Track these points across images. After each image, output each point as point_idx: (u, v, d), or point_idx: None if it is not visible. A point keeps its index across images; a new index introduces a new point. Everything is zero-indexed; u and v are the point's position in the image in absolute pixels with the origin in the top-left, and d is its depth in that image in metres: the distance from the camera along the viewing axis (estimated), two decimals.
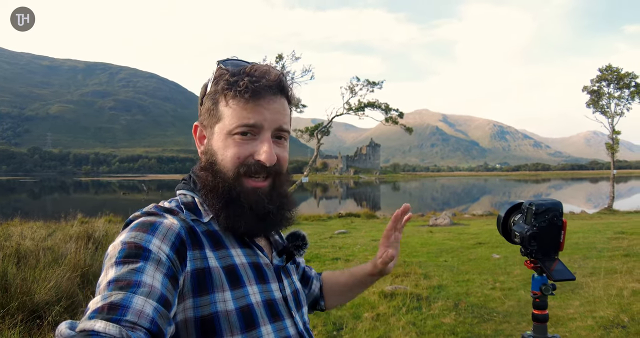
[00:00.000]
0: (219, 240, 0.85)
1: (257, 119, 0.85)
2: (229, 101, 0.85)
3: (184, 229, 0.80)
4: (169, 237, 0.77)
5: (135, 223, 0.79)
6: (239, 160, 0.85)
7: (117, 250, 0.73)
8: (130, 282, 0.67)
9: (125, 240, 0.75)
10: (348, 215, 18.84)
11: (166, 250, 0.75)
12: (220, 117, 0.87)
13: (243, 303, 0.81)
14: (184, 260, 0.77)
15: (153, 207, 0.85)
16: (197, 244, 0.81)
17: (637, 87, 24.90)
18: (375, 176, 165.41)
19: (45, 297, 4.01)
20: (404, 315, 4.32)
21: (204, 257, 0.81)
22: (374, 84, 26.51)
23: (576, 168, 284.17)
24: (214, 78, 0.88)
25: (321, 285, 1.21)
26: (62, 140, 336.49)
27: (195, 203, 0.89)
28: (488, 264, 6.71)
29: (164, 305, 0.68)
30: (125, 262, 0.70)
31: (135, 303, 0.64)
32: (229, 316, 0.78)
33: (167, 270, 0.73)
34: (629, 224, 11.70)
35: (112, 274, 0.69)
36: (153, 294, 0.67)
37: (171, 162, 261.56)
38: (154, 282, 0.69)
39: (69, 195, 57.58)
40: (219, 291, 0.79)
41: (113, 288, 0.66)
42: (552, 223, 1.04)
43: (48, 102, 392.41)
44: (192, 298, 0.77)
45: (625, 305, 4.36)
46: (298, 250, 0.99)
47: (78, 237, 6.43)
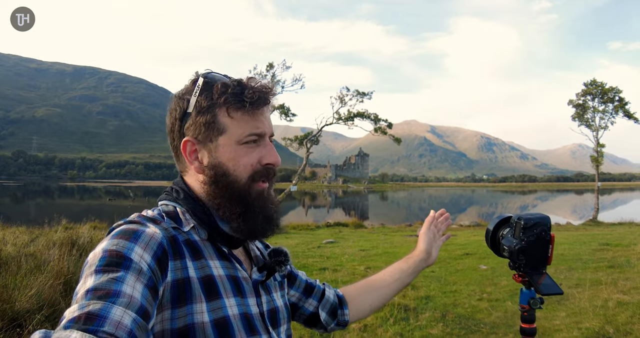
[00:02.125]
0: (198, 251, 0.85)
1: (262, 127, 0.89)
2: (232, 112, 0.86)
3: (166, 239, 0.79)
4: (151, 246, 0.76)
5: (118, 231, 0.78)
6: (252, 167, 0.89)
7: (97, 258, 0.72)
8: (109, 291, 0.65)
9: (107, 248, 0.73)
10: (336, 225, 18.78)
11: (148, 260, 0.74)
12: (223, 129, 0.87)
13: (219, 315, 0.80)
14: (165, 271, 0.76)
15: (137, 216, 0.85)
16: (179, 254, 0.80)
17: (621, 101, 25.47)
18: (363, 185, 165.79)
19: (27, 305, 3.93)
20: (392, 326, 4.31)
21: (185, 266, 0.80)
22: (363, 94, 26.73)
23: (562, 180, 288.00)
24: (201, 91, 0.87)
25: (338, 293, 1.20)
26: (48, 144, 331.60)
27: (177, 213, 0.88)
28: (475, 275, 6.74)
29: (143, 317, 0.66)
30: (105, 271, 0.69)
31: (114, 314, 0.63)
32: (204, 328, 0.77)
33: (148, 281, 0.71)
34: (613, 236, 11.86)
35: (91, 283, 0.67)
36: (132, 305, 0.66)
37: (158, 169, 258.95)
38: (134, 292, 0.68)
39: (53, 200, 56.63)
40: (196, 302, 0.78)
41: (91, 297, 0.65)
42: (541, 238, 1.05)
43: (34, 105, 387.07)
44: (170, 310, 0.76)
45: (610, 316, 4.41)
46: (280, 266, 0.97)
47: (62, 244, 6.30)
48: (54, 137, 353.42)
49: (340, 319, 1.17)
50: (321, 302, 1.15)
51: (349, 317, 1.18)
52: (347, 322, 1.18)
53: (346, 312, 1.17)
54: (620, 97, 25.51)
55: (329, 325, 1.16)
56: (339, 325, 1.18)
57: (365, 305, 1.21)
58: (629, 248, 8.73)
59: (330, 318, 1.16)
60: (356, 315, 1.19)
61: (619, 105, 25.45)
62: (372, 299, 1.21)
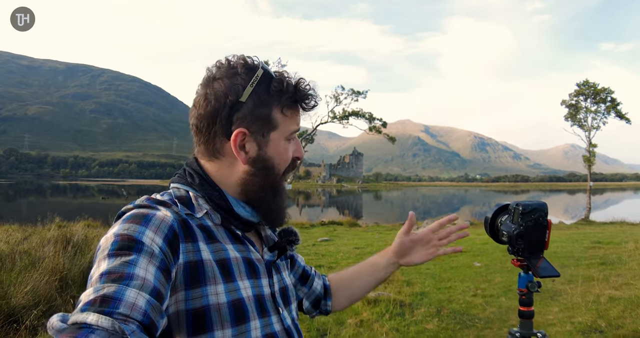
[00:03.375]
0: (212, 234, 0.85)
1: (299, 124, 0.96)
2: (285, 110, 0.90)
3: (176, 222, 0.80)
4: (162, 229, 0.77)
5: (128, 215, 0.79)
6: (289, 161, 0.95)
7: (109, 242, 0.73)
8: (123, 274, 0.67)
9: (118, 232, 0.74)
10: (331, 223, 18.80)
11: (159, 243, 0.75)
12: (276, 124, 0.89)
13: (235, 297, 0.81)
14: (176, 253, 0.77)
15: (145, 200, 0.84)
16: (190, 237, 0.81)
17: (613, 102, 25.74)
18: (357, 185, 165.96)
19: (22, 301, 3.92)
20: (388, 321, 4.35)
21: (197, 249, 0.81)
22: (358, 93, 26.81)
23: (554, 180, 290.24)
24: (259, 82, 0.86)
25: (325, 283, 1.22)
26: (40, 142, 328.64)
27: (189, 198, 0.88)
28: (469, 272, 6.79)
29: (157, 298, 0.68)
30: (118, 255, 0.70)
31: (128, 296, 0.64)
32: (220, 309, 0.79)
33: (160, 263, 0.72)
34: (604, 234, 12.00)
35: (105, 266, 0.69)
36: (146, 287, 0.67)
37: (152, 167, 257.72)
38: (147, 274, 0.69)
39: (45, 198, 56.22)
40: (211, 284, 0.79)
41: (105, 280, 0.66)
42: (538, 223, 1.08)
43: (27, 103, 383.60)
44: (184, 291, 0.77)
45: (602, 311, 4.48)
46: (291, 246, 0.99)
47: (56, 241, 6.26)
48: (46, 135, 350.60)
49: (322, 309, 1.21)
50: (308, 292, 1.18)
51: (331, 308, 1.21)
52: (329, 311, 1.22)
53: (329, 303, 1.21)
54: (612, 98, 25.81)
55: (310, 313, 1.21)
56: (320, 314, 1.22)
57: (345, 298, 1.23)
58: (620, 246, 8.85)
59: (313, 308, 1.19)
60: (336, 306, 1.22)
61: (611, 106, 25.74)
62: (351, 293, 1.24)
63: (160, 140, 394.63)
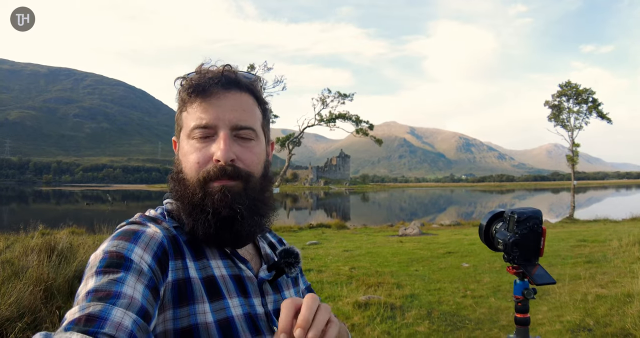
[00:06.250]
0: (200, 250, 0.83)
1: (209, 118, 0.82)
2: (187, 106, 0.85)
3: (166, 238, 0.79)
4: (152, 246, 0.76)
5: (119, 232, 0.78)
6: (199, 166, 0.82)
7: (98, 260, 0.71)
8: (110, 292, 0.65)
9: (107, 249, 0.73)
10: (319, 226, 18.78)
11: (148, 260, 0.73)
12: (182, 123, 0.87)
13: (222, 316, 0.79)
14: (165, 271, 0.76)
15: (138, 217, 0.84)
16: (179, 254, 0.80)
17: (595, 102, 26.27)
18: (345, 187, 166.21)
19: (6, 313, 3.81)
20: (379, 325, 4.35)
21: (185, 267, 0.79)
22: (345, 96, 26.93)
23: (539, 179, 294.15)
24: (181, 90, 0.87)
25: None
26: (22, 147, 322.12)
27: (180, 211, 0.86)
28: (458, 273, 6.84)
29: (144, 318, 0.66)
30: (105, 272, 0.69)
31: (114, 316, 0.62)
32: (208, 328, 0.76)
33: (149, 281, 0.71)
34: (589, 232, 12.19)
35: (92, 284, 0.67)
36: (133, 306, 0.65)
37: (137, 172, 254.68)
38: (135, 293, 0.67)
39: (28, 205, 55.05)
40: (199, 302, 0.77)
41: (92, 298, 0.64)
42: (533, 231, 1.09)
43: (7, 108, 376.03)
44: (172, 310, 0.75)
45: (590, 310, 4.54)
46: (289, 267, 0.93)
47: (40, 249, 6.12)
48: (28, 140, 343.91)
49: None
50: None
51: None
52: None
53: None
54: (594, 98, 26.35)
55: None
56: None
57: None
58: (605, 244, 9.00)
59: None
60: None
61: (593, 106, 26.28)
62: None
63: (145, 144, 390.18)
